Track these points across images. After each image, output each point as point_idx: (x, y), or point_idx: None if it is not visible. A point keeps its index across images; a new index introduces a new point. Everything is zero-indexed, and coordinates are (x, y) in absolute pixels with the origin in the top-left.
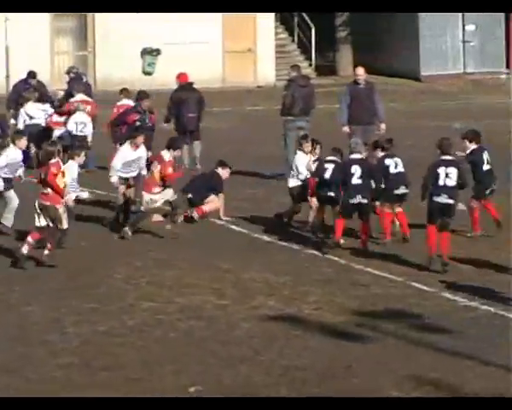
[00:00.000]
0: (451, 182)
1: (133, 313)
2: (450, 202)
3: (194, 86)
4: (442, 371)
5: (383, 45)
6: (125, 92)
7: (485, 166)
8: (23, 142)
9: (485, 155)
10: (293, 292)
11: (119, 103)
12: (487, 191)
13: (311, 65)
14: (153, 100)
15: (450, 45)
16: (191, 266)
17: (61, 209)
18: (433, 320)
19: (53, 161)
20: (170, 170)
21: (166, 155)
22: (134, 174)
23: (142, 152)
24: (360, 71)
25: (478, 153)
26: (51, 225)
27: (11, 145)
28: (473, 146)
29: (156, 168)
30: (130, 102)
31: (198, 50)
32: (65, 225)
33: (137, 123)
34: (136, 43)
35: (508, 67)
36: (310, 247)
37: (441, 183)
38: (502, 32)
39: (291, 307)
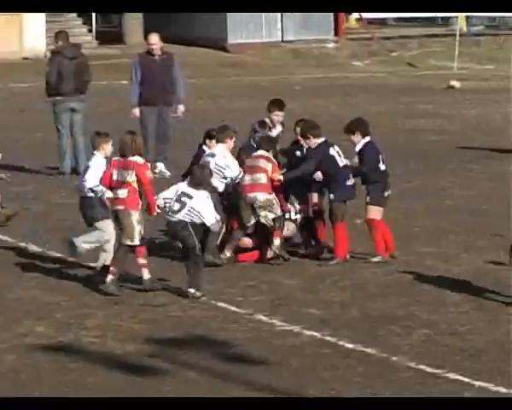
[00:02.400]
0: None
1: None
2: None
3: None
4: None
5: None
6: None
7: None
8: (109, 146)
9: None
10: (68, 315)
11: None
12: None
13: (90, 31)
14: None
15: None
16: None
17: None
18: (244, 348)
19: (141, 160)
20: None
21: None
22: None
23: None
24: (154, 39)
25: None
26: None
27: (96, 151)
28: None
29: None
30: None
31: None
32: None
33: None
34: None
35: (336, 34)
36: (90, 260)
37: (341, 164)
38: None
39: (66, 335)
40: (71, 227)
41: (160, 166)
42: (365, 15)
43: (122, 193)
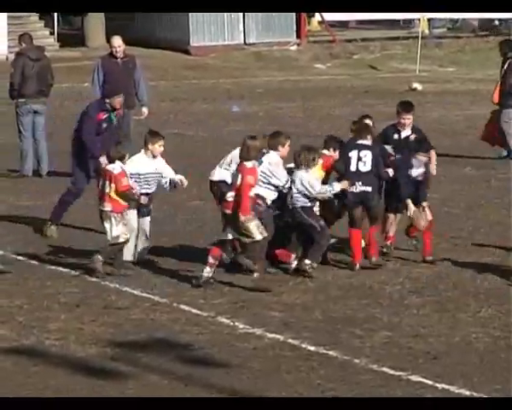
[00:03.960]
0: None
1: None
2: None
3: None
4: None
5: None
6: None
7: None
8: (158, 147)
9: None
10: (30, 318)
11: None
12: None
13: (52, 33)
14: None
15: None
16: None
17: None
18: (206, 351)
19: (250, 164)
20: None
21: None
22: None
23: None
24: (117, 41)
25: None
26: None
27: (142, 151)
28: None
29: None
30: None
31: None
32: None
33: (104, 124)
34: None
35: (298, 36)
36: (51, 262)
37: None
38: None
39: (28, 338)
40: (33, 230)
41: None
42: (327, 18)
43: (230, 196)
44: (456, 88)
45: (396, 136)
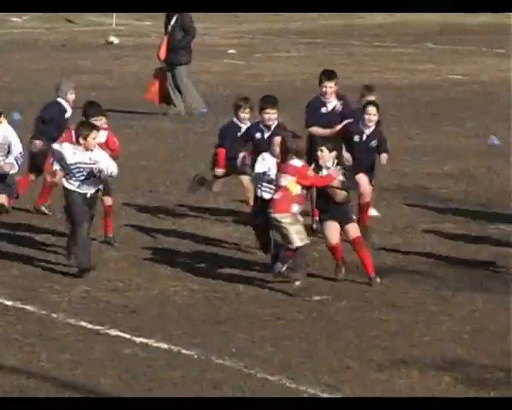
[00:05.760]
0: None
1: None
2: None
3: None
4: None
5: None
6: None
7: None
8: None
9: None
10: None
11: None
12: None
13: None
14: None
15: None
16: None
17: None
18: None
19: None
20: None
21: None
22: None
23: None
24: None
25: None
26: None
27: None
28: None
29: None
30: None
31: None
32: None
33: None
34: None
35: None
36: None
37: None
38: None
39: None
40: None
41: None
42: None
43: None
44: (152, 41)
45: (323, 109)
